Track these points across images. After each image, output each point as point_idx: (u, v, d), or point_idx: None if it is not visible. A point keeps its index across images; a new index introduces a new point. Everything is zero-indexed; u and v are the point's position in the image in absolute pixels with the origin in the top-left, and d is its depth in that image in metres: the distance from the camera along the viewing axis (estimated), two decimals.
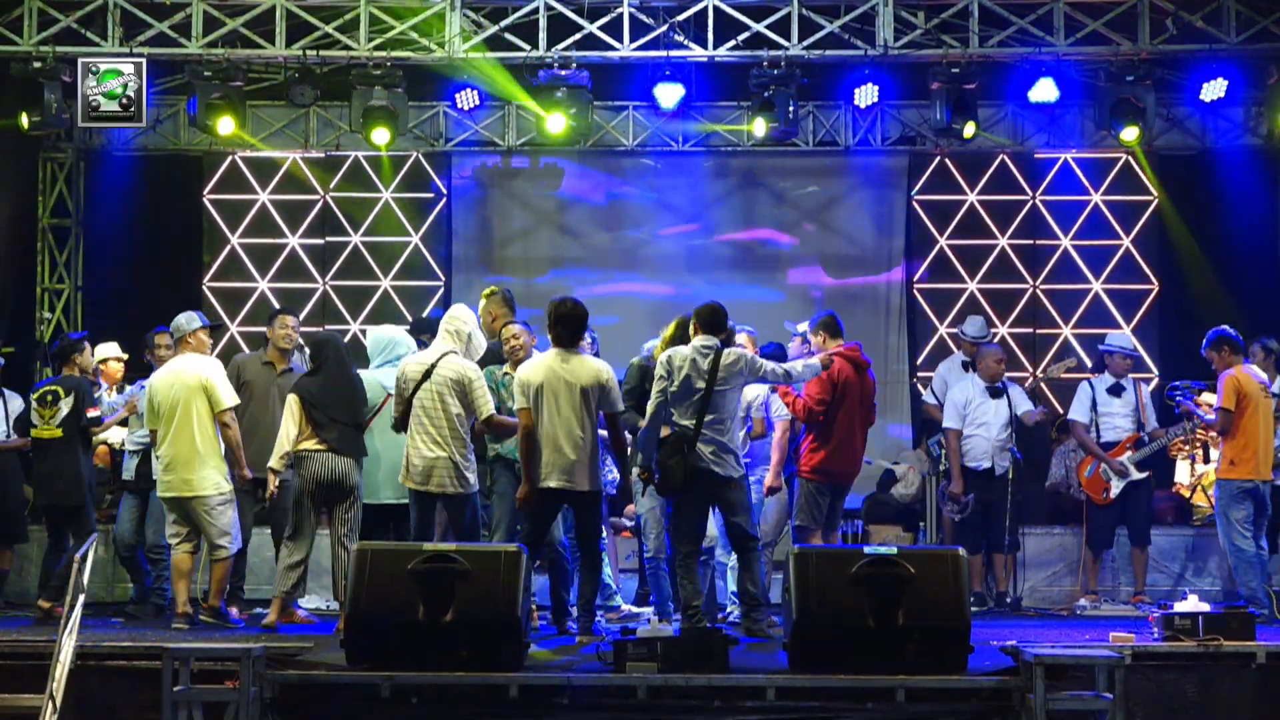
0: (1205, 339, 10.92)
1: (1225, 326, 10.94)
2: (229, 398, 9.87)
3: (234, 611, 10.11)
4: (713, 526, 9.75)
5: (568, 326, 9.18)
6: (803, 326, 10.91)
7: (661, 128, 14.66)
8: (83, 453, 10.71)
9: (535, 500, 9.08)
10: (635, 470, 9.45)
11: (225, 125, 13.06)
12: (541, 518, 9.22)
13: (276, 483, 9.72)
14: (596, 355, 10.23)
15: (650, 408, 9.29)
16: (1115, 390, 11.95)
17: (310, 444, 9.53)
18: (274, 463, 9.63)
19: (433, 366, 9.24)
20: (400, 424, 9.33)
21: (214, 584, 9.88)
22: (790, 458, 10.46)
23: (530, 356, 9.65)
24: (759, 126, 13.16)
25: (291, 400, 9.64)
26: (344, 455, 9.50)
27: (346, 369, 9.67)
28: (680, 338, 9.58)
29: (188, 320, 10.10)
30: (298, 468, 9.57)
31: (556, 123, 13.09)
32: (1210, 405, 11.11)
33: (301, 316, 13.79)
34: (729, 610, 10.24)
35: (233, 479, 9.89)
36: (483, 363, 9.82)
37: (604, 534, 10.26)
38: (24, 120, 12.78)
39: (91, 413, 10.59)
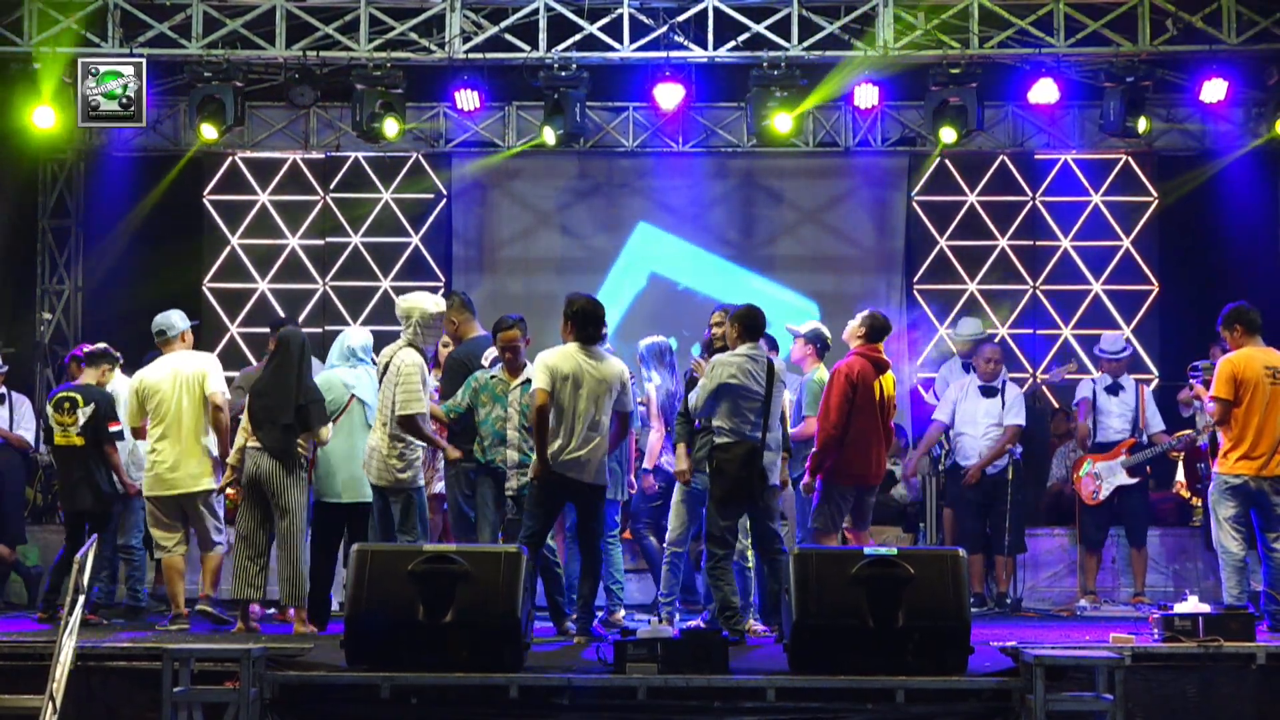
0: (1220, 313, 10.08)
1: (1243, 302, 10.06)
2: (219, 384, 9.87)
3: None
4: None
5: (593, 323, 9.22)
6: (807, 326, 10.83)
7: (661, 128, 14.66)
8: (102, 462, 10.34)
9: (547, 477, 9.06)
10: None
11: (208, 132, 13.07)
12: (548, 511, 9.22)
13: (230, 477, 9.73)
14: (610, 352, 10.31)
15: (698, 402, 9.27)
16: (1113, 390, 11.96)
17: (251, 441, 9.57)
18: (231, 458, 9.71)
19: (390, 360, 9.47)
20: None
21: (209, 576, 9.90)
22: (796, 460, 10.32)
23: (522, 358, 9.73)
24: (783, 122, 13.06)
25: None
26: (270, 456, 9.47)
27: (288, 369, 9.53)
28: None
29: (180, 318, 10.07)
30: (245, 466, 9.62)
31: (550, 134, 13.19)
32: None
33: (301, 317, 13.88)
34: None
35: (221, 470, 9.89)
36: (461, 367, 9.94)
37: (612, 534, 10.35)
38: (44, 116, 12.73)
39: (114, 426, 10.33)
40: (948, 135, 13.04)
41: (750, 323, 9.33)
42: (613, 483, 10.23)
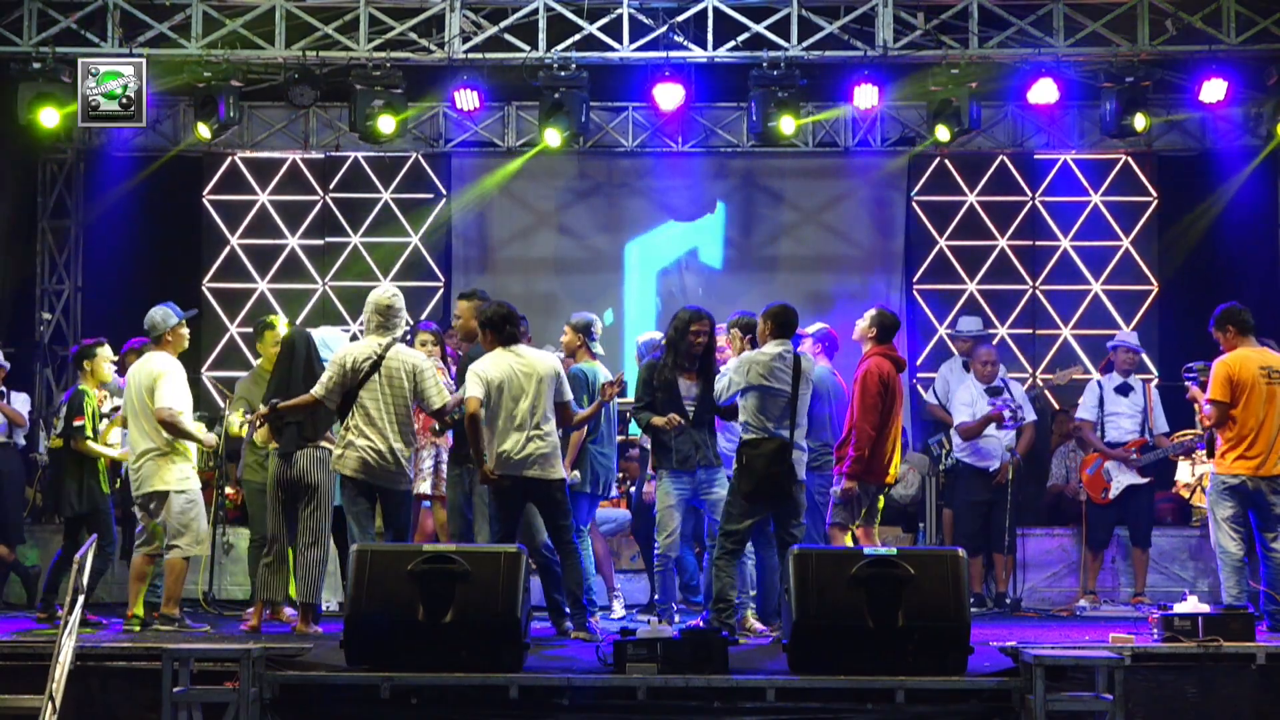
0: (1212, 315, 10.08)
1: (1234, 302, 10.08)
2: (169, 398, 9.51)
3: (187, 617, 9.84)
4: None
5: (508, 323, 9.29)
6: (814, 327, 10.83)
7: (661, 128, 14.66)
8: (79, 461, 10.25)
9: (500, 483, 9.08)
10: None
11: (202, 131, 13.15)
12: (509, 515, 9.21)
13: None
14: (594, 356, 10.28)
15: (723, 393, 9.31)
16: (1123, 390, 11.96)
17: (273, 445, 9.55)
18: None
19: (381, 356, 9.20)
20: (342, 411, 9.24)
21: (168, 588, 9.59)
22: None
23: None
24: (787, 123, 13.06)
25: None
26: (290, 458, 9.43)
27: (294, 370, 9.51)
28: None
29: (163, 318, 9.81)
30: (269, 467, 9.59)
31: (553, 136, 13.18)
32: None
33: (301, 317, 13.89)
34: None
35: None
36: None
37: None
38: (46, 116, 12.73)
39: (78, 421, 10.21)
40: (942, 134, 13.06)
41: (783, 320, 9.41)
42: (591, 477, 10.21)
